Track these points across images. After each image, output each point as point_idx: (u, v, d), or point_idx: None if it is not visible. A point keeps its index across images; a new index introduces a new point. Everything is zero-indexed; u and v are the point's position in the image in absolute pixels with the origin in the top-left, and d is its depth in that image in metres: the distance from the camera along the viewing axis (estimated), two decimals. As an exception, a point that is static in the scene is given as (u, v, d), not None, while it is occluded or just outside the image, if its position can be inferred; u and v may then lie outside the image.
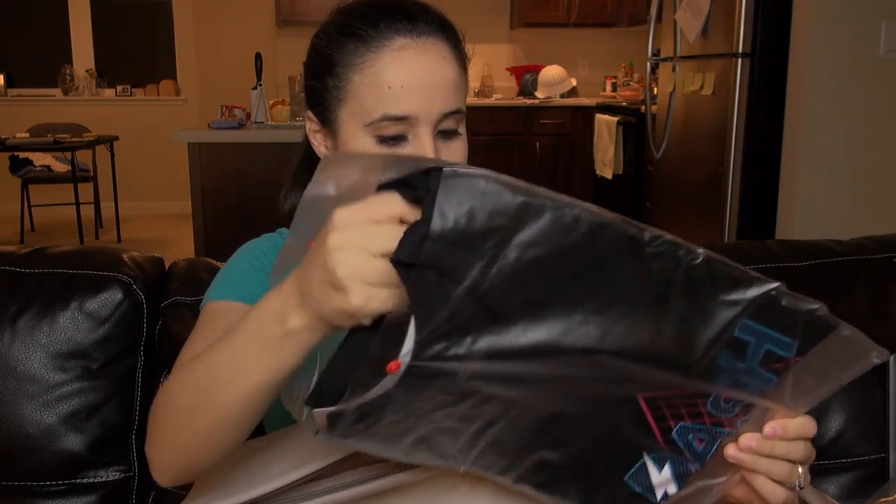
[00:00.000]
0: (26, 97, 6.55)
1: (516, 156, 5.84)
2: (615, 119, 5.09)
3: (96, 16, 6.60)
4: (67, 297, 1.15)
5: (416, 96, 0.83)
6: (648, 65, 3.85)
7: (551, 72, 6.09)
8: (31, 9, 6.62)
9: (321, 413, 0.57)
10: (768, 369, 0.62)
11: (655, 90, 4.04)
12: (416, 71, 0.83)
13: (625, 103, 5.33)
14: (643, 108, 4.19)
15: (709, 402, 0.63)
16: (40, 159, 5.55)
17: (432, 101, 0.83)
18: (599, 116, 5.40)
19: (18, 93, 6.57)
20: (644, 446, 0.63)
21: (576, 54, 6.43)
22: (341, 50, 0.85)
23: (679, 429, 0.63)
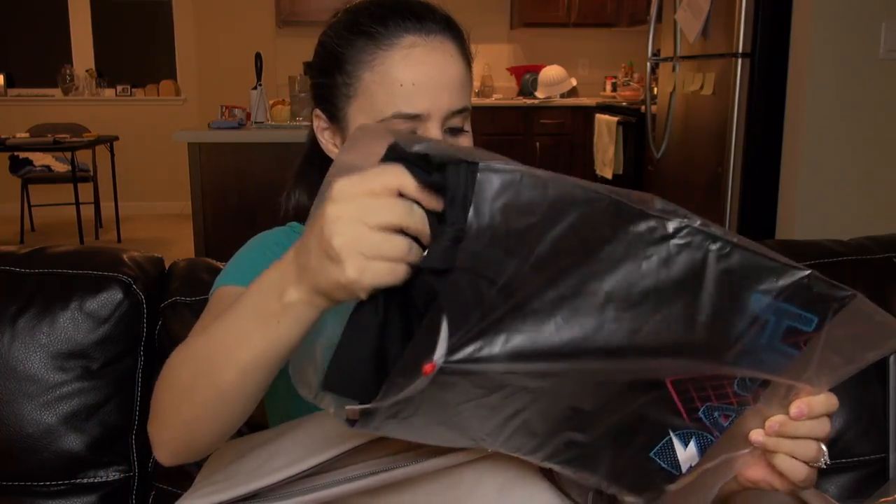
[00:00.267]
0: (26, 97, 6.55)
1: (516, 156, 5.75)
2: (615, 119, 5.09)
3: (96, 16, 6.60)
4: (67, 297, 1.15)
5: (427, 94, 0.84)
6: (648, 65, 3.85)
7: (551, 72, 6.09)
8: (31, 9, 6.62)
9: (353, 409, 0.57)
10: (789, 343, 0.61)
11: (655, 90, 4.04)
12: (426, 69, 0.84)
13: (625, 103, 5.33)
14: (643, 108, 4.19)
15: (735, 383, 0.62)
16: (40, 159, 5.54)
17: (441, 98, 0.84)
18: (599, 116, 5.40)
19: (18, 93, 6.57)
20: (670, 424, 0.63)
21: (576, 54, 6.44)
22: (351, 47, 0.86)
23: (705, 409, 0.63)
